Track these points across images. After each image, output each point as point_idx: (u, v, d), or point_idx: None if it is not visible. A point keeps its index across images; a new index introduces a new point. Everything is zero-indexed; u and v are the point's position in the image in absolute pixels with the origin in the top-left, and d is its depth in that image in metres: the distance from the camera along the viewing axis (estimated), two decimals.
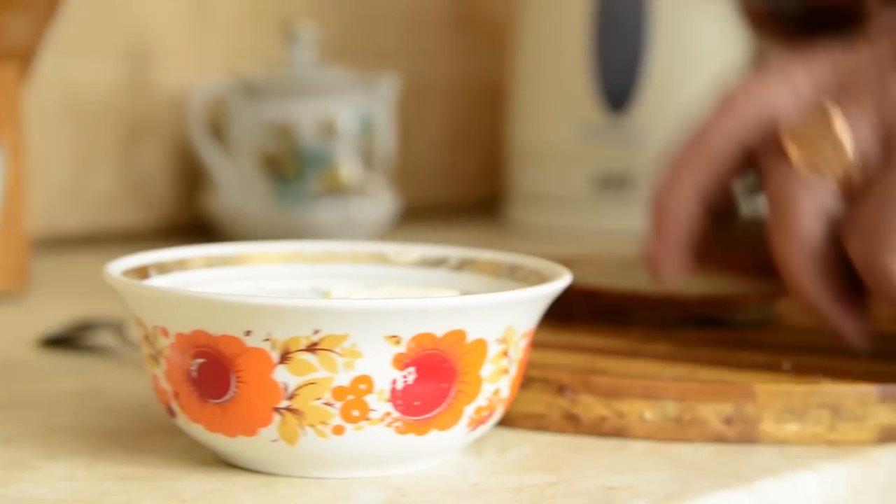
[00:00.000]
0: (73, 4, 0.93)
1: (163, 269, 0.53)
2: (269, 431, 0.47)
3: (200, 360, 0.47)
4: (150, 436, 0.53)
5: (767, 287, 0.69)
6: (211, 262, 0.55)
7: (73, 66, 1.01)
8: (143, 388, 0.58)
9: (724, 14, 1.10)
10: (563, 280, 0.50)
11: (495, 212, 1.19)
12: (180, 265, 0.54)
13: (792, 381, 0.54)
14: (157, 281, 0.52)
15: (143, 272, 0.52)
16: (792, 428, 0.53)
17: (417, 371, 0.46)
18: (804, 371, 0.56)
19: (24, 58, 0.81)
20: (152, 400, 0.56)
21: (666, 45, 1.08)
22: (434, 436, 0.48)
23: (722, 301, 0.66)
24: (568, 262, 0.73)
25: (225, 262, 0.55)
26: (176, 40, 1.05)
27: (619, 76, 1.08)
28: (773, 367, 0.57)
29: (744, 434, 0.53)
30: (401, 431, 0.47)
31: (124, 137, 1.03)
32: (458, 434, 0.48)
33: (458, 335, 0.47)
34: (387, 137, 1.04)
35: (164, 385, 0.49)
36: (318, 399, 0.46)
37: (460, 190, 1.25)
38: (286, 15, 1.05)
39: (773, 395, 0.53)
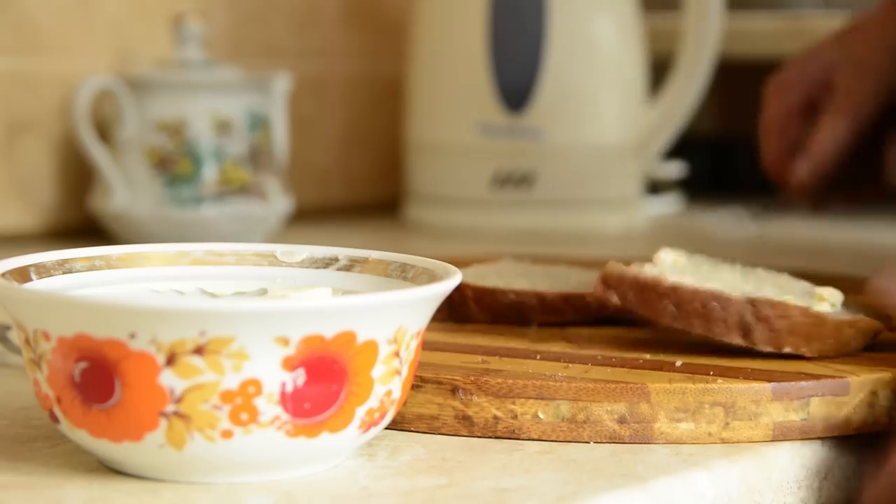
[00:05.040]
0: None
1: (44, 271, 0.52)
2: (156, 436, 0.46)
3: (83, 365, 0.46)
4: (31, 443, 0.51)
5: None
6: (94, 264, 0.53)
7: None
8: (26, 393, 0.56)
9: (621, 11, 1.11)
10: (453, 279, 0.49)
11: (393, 212, 1.19)
12: (62, 267, 0.52)
13: (686, 379, 0.54)
14: (37, 283, 0.51)
15: (23, 274, 0.50)
16: (686, 427, 0.53)
17: (307, 373, 0.46)
18: (697, 369, 0.56)
19: None
20: (35, 405, 0.55)
21: (564, 44, 1.08)
22: (325, 438, 0.47)
23: None
24: (465, 262, 0.73)
25: (108, 265, 0.54)
26: (61, 34, 1.03)
27: (517, 75, 1.08)
28: (667, 366, 0.56)
29: (638, 433, 0.53)
30: (291, 434, 0.46)
31: (5, 134, 1.01)
32: (350, 436, 0.48)
33: (348, 336, 0.46)
34: (280, 136, 1.03)
35: (47, 390, 0.47)
36: (206, 403, 0.45)
37: (357, 190, 1.24)
38: (175, 12, 1.03)
39: (666, 393, 0.53)
